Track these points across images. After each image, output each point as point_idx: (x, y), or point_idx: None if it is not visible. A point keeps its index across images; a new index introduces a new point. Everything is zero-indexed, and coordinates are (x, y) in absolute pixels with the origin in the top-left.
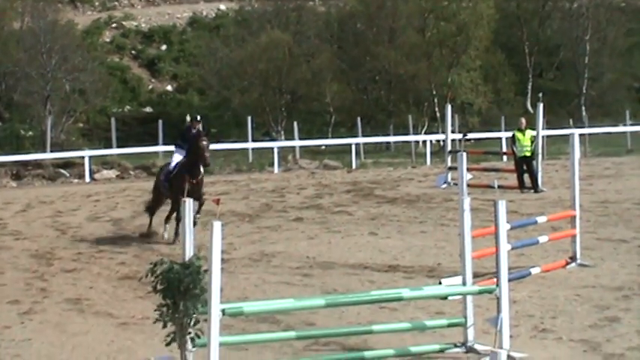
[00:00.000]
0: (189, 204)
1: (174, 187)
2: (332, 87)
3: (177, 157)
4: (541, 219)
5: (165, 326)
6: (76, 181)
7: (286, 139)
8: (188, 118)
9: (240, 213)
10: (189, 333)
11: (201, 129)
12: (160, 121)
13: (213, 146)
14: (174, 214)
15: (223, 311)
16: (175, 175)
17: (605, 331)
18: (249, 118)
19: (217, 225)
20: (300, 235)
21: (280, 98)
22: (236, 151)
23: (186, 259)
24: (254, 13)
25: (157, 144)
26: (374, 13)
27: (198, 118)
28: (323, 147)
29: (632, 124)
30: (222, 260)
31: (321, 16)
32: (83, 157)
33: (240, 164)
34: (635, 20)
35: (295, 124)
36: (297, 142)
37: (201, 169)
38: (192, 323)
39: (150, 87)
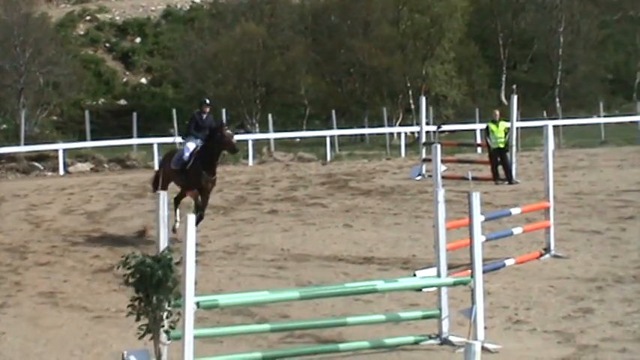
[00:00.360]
0: (163, 197)
1: (191, 182)
2: (306, 79)
3: (192, 145)
4: (515, 210)
5: (138, 319)
6: (50, 174)
7: (261, 131)
8: (197, 110)
9: (215, 205)
10: (163, 326)
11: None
12: (135, 114)
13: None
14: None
15: (198, 304)
16: (192, 167)
17: (579, 323)
18: (224, 111)
19: (191, 218)
20: (275, 228)
21: (255, 91)
22: None
23: (159, 252)
24: (228, 6)
25: (131, 137)
26: (348, 6)
27: (208, 101)
28: (297, 139)
29: (605, 116)
30: (197, 253)
31: (295, 9)
32: (57, 150)
33: None
34: (608, 12)
35: (270, 116)
36: (271, 135)
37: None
38: (164, 316)
39: (124, 80)
